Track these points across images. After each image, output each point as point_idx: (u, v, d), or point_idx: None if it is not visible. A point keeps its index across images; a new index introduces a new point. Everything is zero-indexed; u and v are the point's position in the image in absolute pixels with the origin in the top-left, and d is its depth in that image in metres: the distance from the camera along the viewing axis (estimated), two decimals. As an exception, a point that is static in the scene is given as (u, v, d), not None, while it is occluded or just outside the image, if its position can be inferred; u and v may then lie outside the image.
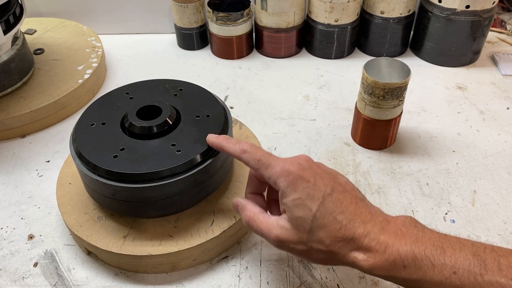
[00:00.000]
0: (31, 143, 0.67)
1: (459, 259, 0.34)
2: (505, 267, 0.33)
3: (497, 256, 0.33)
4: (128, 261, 0.48)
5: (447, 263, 0.34)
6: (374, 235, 0.36)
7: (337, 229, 0.37)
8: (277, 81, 0.78)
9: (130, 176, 0.45)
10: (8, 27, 0.64)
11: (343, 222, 0.37)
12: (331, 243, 0.37)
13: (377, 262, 0.36)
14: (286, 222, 0.39)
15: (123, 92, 0.54)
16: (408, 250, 0.35)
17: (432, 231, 0.37)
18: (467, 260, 0.33)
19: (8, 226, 0.55)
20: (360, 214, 0.38)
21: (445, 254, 0.34)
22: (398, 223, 0.37)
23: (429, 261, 0.34)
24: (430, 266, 0.34)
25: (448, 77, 0.78)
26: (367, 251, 0.36)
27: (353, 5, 0.77)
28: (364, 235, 0.36)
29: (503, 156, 0.63)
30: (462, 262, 0.33)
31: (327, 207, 0.37)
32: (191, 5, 0.80)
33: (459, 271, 0.33)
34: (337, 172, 0.42)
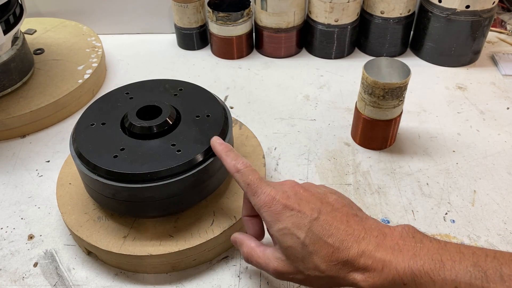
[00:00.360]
0: (31, 143, 0.67)
1: (459, 272, 0.32)
2: (507, 276, 0.31)
3: (499, 265, 0.32)
4: (128, 261, 0.48)
5: (447, 277, 0.32)
6: (370, 253, 0.35)
7: (330, 253, 0.36)
8: (277, 81, 0.78)
9: (130, 176, 0.45)
10: (8, 27, 0.64)
11: (335, 244, 0.36)
12: (327, 269, 0.36)
13: (376, 282, 0.35)
14: (280, 253, 0.39)
15: (123, 92, 0.54)
16: (406, 267, 0.34)
17: (431, 241, 0.35)
18: (468, 273, 0.32)
19: (8, 226, 0.55)
20: (353, 232, 0.36)
21: (444, 268, 0.33)
22: (395, 236, 0.36)
23: (428, 277, 0.33)
24: (431, 282, 0.33)
25: (448, 77, 0.78)
26: (365, 271, 0.35)
27: (353, 5, 0.77)
28: (359, 255, 0.35)
29: (503, 156, 0.63)
30: (462, 275, 0.32)
31: (315, 232, 0.37)
32: (191, 5, 0.80)
33: (460, 286, 0.32)
34: (327, 191, 0.41)
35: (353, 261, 0.35)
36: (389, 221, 0.54)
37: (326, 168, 0.62)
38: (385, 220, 0.55)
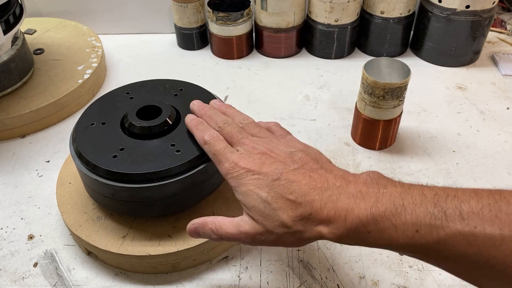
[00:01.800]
0: (31, 143, 0.67)
1: (420, 215, 0.31)
2: (466, 214, 0.30)
3: (458, 203, 0.31)
4: (127, 261, 0.48)
5: (408, 221, 0.32)
6: (332, 204, 0.35)
7: (293, 209, 0.36)
8: (277, 81, 0.78)
9: (130, 176, 0.44)
10: (8, 27, 0.64)
11: (297, 200, 0.36)
12: (293, 224, 0.36)
13: (342, 233, 0.34)
14: (248, 217, 0.39)
15: (123, 92, 0.54)
16: (368, 214, 0.33)
17: (395, 185, 0.35)
18: (428, 215, 0.31)
19: (8, 226, 0.55)
20: (315, 185, 0.36)
21: (406, 212, 0.32)
22: (359, 183, 0.36)
23: (390, 223, 0.32)
24: (393, 228, 0.32)
25: (448, 77, 0.78)
26: (329, 222, 0.35)
27: (353, 5, 0.77)
28: (322, 207, 0.35)
29: (503, 156, 0.63)
30: (423, 217, 0.31)
31: (276, 190, 0.37)
32: (191, 5, 0.80)
33: (421, 229, 0.31)
34: (295, 149, 0.41)
35: (317, 214, 0.35)
36: (389, 221, 0.54)
37: (326, 168, 0.62)
38: (385, 220, 0.55)
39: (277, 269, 0.50)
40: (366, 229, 0.33)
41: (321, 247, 0.52)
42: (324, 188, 0.36)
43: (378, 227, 0.33)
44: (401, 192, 0.34)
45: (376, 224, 0.33)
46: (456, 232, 0.30)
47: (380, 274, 0.49)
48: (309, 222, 0.36)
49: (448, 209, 0.31)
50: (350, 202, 0.34)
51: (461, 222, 0.30)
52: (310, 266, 0.50)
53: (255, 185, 0.38)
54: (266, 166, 0.39)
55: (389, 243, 0.33)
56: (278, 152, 0.40)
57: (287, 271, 0.50)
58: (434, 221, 0.31)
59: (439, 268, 0.33)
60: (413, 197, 0.33)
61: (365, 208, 0.34)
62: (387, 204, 0.33)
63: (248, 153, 0.41)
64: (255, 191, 0.38)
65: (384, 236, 0.33)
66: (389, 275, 0.49)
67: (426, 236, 0.31)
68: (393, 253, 0.51)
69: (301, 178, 0.37)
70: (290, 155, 0.40)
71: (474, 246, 0.30)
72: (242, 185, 0.39)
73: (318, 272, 0.50)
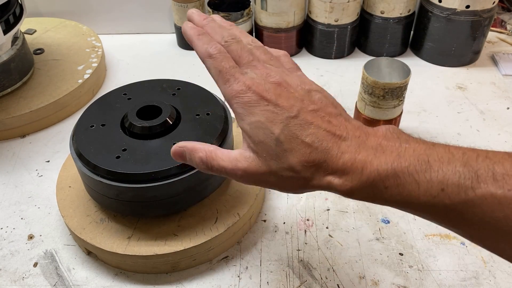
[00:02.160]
0: (31, 143, 0.67)
1: (447, 173, 0.29)
2: (500, 176, 0.28)
3: (491, 164, 0.28)
4: (134, 261, 0.48)
5: (434, 179, 0.29)
6: (350, 155, 0.32)
7: (307, 153, 0.32)
8: (277, 81, 0.78)
9: (135, 176, 0.45)
10: (8, 27, 0.64)
11: (313, 144, 0.32)
12: (302, 169, 0.33)
13: (355, 186, 0.31)
14: (250, 152, 0.34)
15: (121, 93, 0.54)
16: (389, 168, 0.30)
17: (417, 142, 0.32)
18: (456, 173, 0.29)
19: (8, 226, 0.55)
20: (334, 132, 0.33)
21: (431, 169, 0.30)
22: (379, 136, 0.33)
23: (413, 179, 0.30)
24: (415, 185, 0.30)
25: (448, 77, 0.78)
26: (343, 173, 0.32)
27: (353, 5, 0.77)
28: (338, 156, 0.32)
29: (503, 156, 0.63)
30: (451, 176, 0.29)
31: (292, 129, 0.33)
32: (191, 5, 0.80)
33: (447, 188, 0.29)
34: (313, 88, 0.37)
35: (331, 162, 0.32)
36: (389, 221, 0.55)
37: (326, 168, 0.61)
38: (385, 220, 0.55)
39: (277, 269, 0.50)
40: (384, 184, 0.31)
41: (321, 247, 0.52)
42: (343, 136, 0.33)
43: (398, 182, 0.30)
44: (425, 148, 0.31)
45: (396, 179, 0.30)
46: (488, 194, 0.28)
47: (380, 274, 0.49)
48: (320, 170, 0.33)
49: (479, 169, 0.28)
50: (370, 154, 0.32)
51: (494, 183, 0.28)
52: (310, 266, 0.50)
53: (267, 118, 0.33)
54: (283, 99, 0.34)
55: (407, 200, 0.30)
56: (295, 87, 0.36)
57: (287, 271, 0.50)
58: (463, 181, 0.28)
59: (458, 233, 0.31)
60: (439, 154, 0.30)
61: (386, 162, 0.31)
62: (411, 160, 0.30)
63: (262, 78, 0.35)
64: (267, 124, 0.33)
65: (403, 193, 0.30)
66: (389, 275, 0.49)
67: (452, 196, 0.29)
68: (393, 253, 0.51)
69: (320, 122, 0.33)
70: (308, 93, 0.36)
71: (506, 209, 0.27)
72: (252, 115, 0.34)
73: (318, 272, 0.50)
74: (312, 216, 0.55)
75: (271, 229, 0.54)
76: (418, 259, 0.51)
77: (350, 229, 0.54)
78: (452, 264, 0.50)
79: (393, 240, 0.53)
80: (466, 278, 0.49)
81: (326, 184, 0.33)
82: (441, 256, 0.51)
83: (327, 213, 0.56)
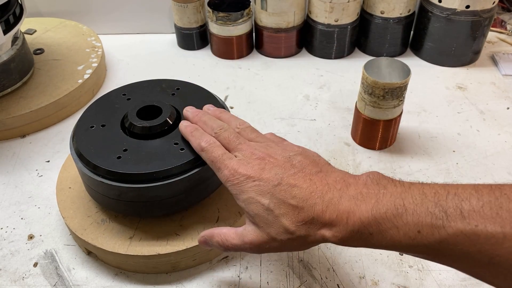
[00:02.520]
0: (31, 143, 0.67)
1: (421, 215, 0.31)
2: (467, 212, 0.30)
3: (459, 201, 0.30)
4: (136, 261, 0.48)
5: (410, 222, 0.31)
6: (334, 207, 0.35)
7: (296, 214, 0.36)
8: (277, 81, 0.78)
9: (136, 176, 0.45)
10: (8, 27, 0.64)
11: (299, 204, 0.36)
12: (296, 229, 0.36)
13: (345, 235, 0.34)
14: (252, 225, 0.39)
15: (120, 93, 0.54)
16: (369, 216, 0.33)
17: (395, 185, 0.34)
18: (429, 214, 0.31)
19: (8, 226, 0.55)
20: (316, 189, 0.36)
21: (407, 213, 0.32)
22: (359, 184, 0.36)
23: (392, 224, 0.32)
24: (395, 229, 0.32)
25: (448, 77, 0.78)
26: (332, 225, 0.35)
27: (353, 5, 0.77)
28: (323, 211, 0.35)
29: (503, 156, 0.63)
30: (424, 218, 0.31)
31: (278, 196, 0.37)
32: (191, 5, 0.80)
33: (423, 229, 0.31)
34: (293, 153, 0.40)
35: (319, 217, 0.35)
36: (389, 221, 0.54)
37: (326, 168, 0.62)
38: (385, 220, 0.55)
39: (277, 269, 0.50)
40: (368, 231, 0.33)
41: (321, 247, 0.52)
42: (325, 191, 0.36)
43: (380, 228, 0.33)
44: (401, 192, 0.33)
45: (378, 225, 0.33)
46: (458, 232, 0.30)
47: (380, 274, 0.49)
48: (312, 226, 0.36)
49: (449, 208, 0.30)
50: (351, 204, 0.34)
51: (462, 221, 0.30)
52: (310, 266, 0.50)
53: (256, 192, 0.38)
54: (266, 171, 0.39)
55: (391, 244, 0.33)
56: (277, 157, 0.40)
57: (287, 271, 0.50)
58: (435, 221, 0.31)
59: (444, 265, 0.33)
60: (413, 197, 0.32)
61: (366, 210, 0.33)
62: (388, 205, 0.33)
63: (247, 158, 0.40)
64: (256, 198, 0.38)
65: (386, 237, 0.33)
66: (389, 275, 0.49)
67: (428, 236, 0.31)
68: (393, 253, 0.51)
69: (302, 182, 0.37)
70: (289, 159, 0.40)
71: (476, 245, 0.29)
72: (243, 193, 0.39)
73: (318, 272, 0.50)
74: (312, 216, 0.55)
75: (271, 229, 0.54)
76: (418, 259, 0.51)
77: (350, 229, 0.54)
78: (452, 264, 0.50)
79: (393, 240, 0.53)
80: (466, 278, 0.49)
81: (321, 238, 0.36)
82: (441, 256, 0.51)
83: (327, 213, 0.56)
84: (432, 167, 0.61)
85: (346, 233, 0.34)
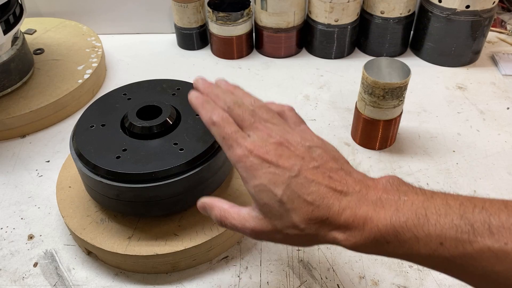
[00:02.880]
0: (31, 143, 0.67)
1: (444, 227, 0.29)
2: (496, 229, 0.28)
3: (487, 216, 0.29)
4: (134, 261, 0.48)
5: (432, 233, 0.29)
6: (351, 211, 0.32)
7: (309, 211, 0.33)
8: (277, 81, 0.78)
9: (135, 176, 0.45)
10: (8, 27, 0.64)
11: (315, 202, 0.33)
12: (306, 227, 0.33)
13: (359, 241, 0.32)
14: (257, 211, 0.36)
15: (121, 93, 0.54)
16: (388, 224, 0.31)
17: (416, 193, 0.32)
18: (453, 227, 0.29)
19: (8, 226, 0.55)
20: (335, 188, 0.34)
21: (429, 223, 0.30)
22: (379, 189, 0.33)
23: (412, 234, 0.30)
24: (415, 239, 0.30)
25: (448, 77, 0.78)
26: (346, 229, 0.32)
27: (353, 5, 0.77)
28: (339, 213, 0.32)
29: (503, 156, 0.63)
30: (448, 230, 0.29)
31: (293, 189, 0.34)
32: (191, 5, 0.80)
33: (446, 242, 0.29)
34: (314, 144, 0.37)
35: (333, 218, 0.33)
36: (389, 221, 0.54)
37: (326, 168, 0.62)
38: (385, 220, 0.55)
39: (277, 269, 0.50)
40: (385, 239, 0.31)
41: (321, 247, 0.52)
42: (344, 192, 0.34)
43: (398, 238, 0.31)
44: (423, 200, 0.31)
45: (396, 234, 0.31)
46: (485, 248, 0.28)
47: (380, 274, 0.49)
48: (324, 227, 0.33)
49: (475, 222, 0.29)
50: (370, 210, 0.32)
51: (491, 237, 0.28)
52: (310, 266, 0.50)
53: (270, 180, 0.34)
54: (284, 159, 0.35)
55: (409, 254, 0.31)
56: (296, 145, 0.36)
57: (287, 271, 0.50)
58: (460, 235, 0.29)
59: (464, 282, 0.31)
60: (436, 207, 0.30)
61: (385, 218, 0.31)
62: (409, 214, 0.31)
63: (263, 141, 0.36)
64: (269, 187, 0.34)
65: (404, 247, 0.31)
66: (389, 275, 0.49)
67: (451, 249, 0.29)
68: (393, 253, 0.51)
69: (321, 179, 0.34)
70: (308, 150, 0.36)
71: (504, 263, 0.27)
72: (255, 178, 0.35)
73: (318, 272, 0.50)
74: (312, 216, 0.55)
75: (271, 229, 0.54)
76: (418, 259, 0.51)
77: (350, 229, 0.54)
78: (452, 264, 0.50)
79: (393, 240, 0.53)
80: (466, 278, 0.49)
81: (331, 240, 0.34)
82: (441, 256, 0.51)
83: (327, 213, 0.56)
84: (432, 167, 0.61)
85: (360, 239, 0.32)
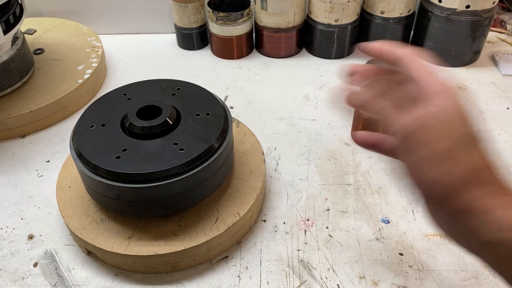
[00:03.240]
0: (31, 143, 0.67)
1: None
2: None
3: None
4: (134, 261, 0.48)
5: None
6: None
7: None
8: (277, 81, 0.78)
9: (135, 176, 0.45)
10: (8, 27, 0.64)
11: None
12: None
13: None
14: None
15: (121, 93, 0.54)
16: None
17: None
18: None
19: (8, 226, 0.55)
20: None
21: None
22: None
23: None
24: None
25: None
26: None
27: (353, 5, 0.76)
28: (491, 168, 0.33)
29: (503, 156, 0.63)
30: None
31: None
32: (191, 5, 0.80)
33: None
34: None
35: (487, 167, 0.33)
36: (389, 221, 0.54)
37: (326, 168, 0.62)
38: (385, 220, 0.55)
39: (277, 269, 0.50)
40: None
41: (321, 247, 0.52)
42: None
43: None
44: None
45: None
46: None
47: (380, 274, 0.49)
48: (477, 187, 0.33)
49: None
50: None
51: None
52: (310, 266, 0.50)
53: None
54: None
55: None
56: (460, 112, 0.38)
57: (287, 271, 0.50)
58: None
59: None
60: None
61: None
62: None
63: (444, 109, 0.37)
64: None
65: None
66: (389, 275, 0.49)
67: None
68: (393, 253, 0.51)
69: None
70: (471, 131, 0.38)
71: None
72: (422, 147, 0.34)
73: (318, 272, 0.50)
74: (312, 216, 0.55)
75: (271, 229, 0.54)
76: (418, 259, 0.51)
77: (350, 229, 0.54)
78: (452, 264, 0.50)
79: (393, 240, 0.53)
80: (466, 278, 0.49)
81: (476, 206, 0.32)
82: (441, 256, 0.51)
83: (327, 213, 0.56)
84: (432, 167, 0.61)
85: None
